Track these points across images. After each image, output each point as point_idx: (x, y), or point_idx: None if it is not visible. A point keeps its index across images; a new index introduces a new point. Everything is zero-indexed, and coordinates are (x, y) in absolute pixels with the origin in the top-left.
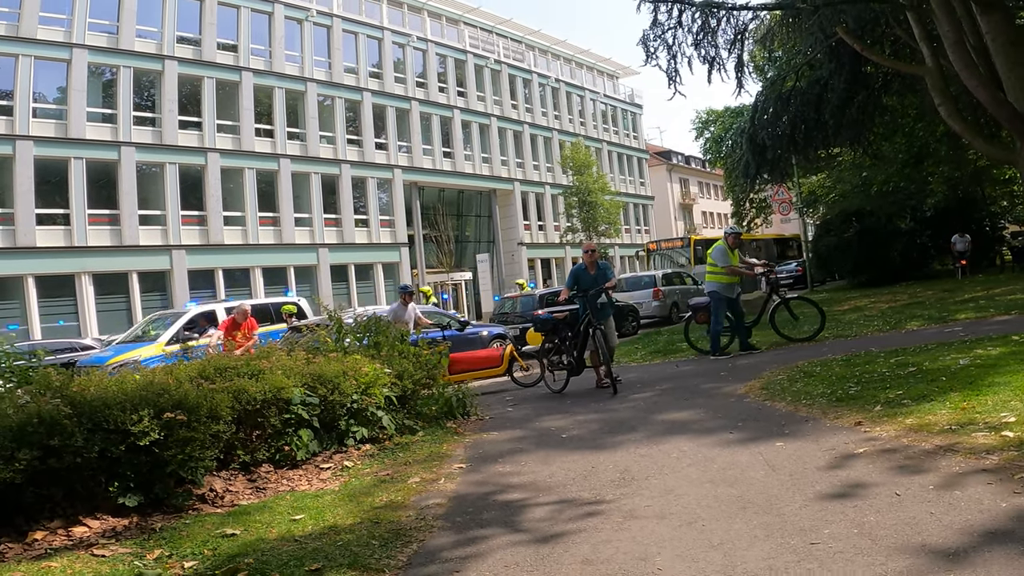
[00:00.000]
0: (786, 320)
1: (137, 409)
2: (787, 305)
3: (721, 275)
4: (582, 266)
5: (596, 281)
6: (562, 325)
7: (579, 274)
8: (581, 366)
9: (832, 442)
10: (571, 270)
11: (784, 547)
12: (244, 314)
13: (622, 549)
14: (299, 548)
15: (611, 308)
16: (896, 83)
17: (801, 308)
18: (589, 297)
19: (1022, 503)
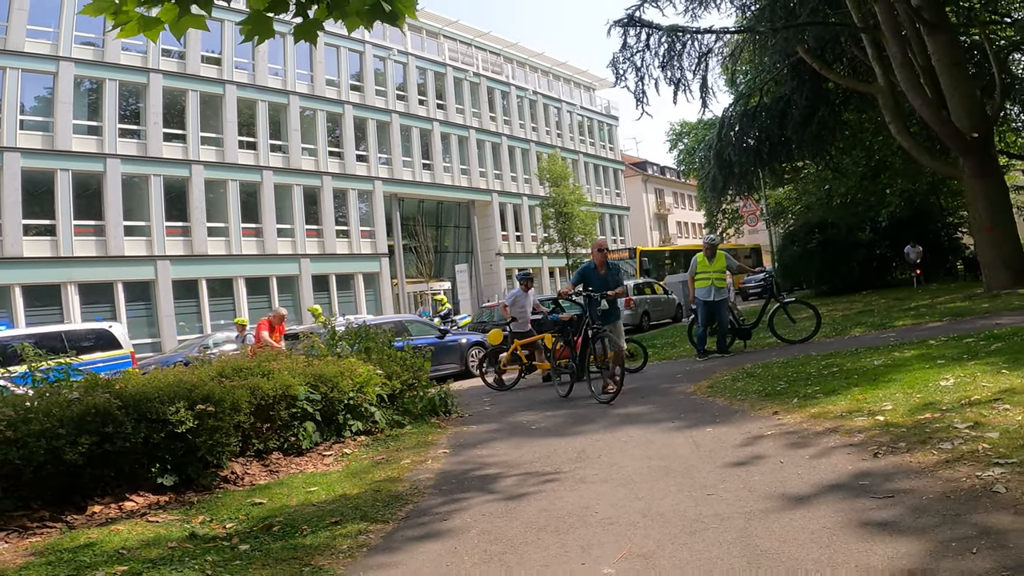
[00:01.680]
0: (784, 322)
1: (174, 402)
2: (785, 308)
3: (700, 281)
4: (592, 265)
5: (605, 283)
6: (570, 327)
7: (588, 273)
8: (584, 371)
9: (749, 427)
10: (579, 268)
11: (688, 497)
12: (281, 318)
13: (571, 501)
14: (318, 510)
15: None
16: (854, 99)
17: (799, 312)
18: (595, 299)
19: (864, 466)
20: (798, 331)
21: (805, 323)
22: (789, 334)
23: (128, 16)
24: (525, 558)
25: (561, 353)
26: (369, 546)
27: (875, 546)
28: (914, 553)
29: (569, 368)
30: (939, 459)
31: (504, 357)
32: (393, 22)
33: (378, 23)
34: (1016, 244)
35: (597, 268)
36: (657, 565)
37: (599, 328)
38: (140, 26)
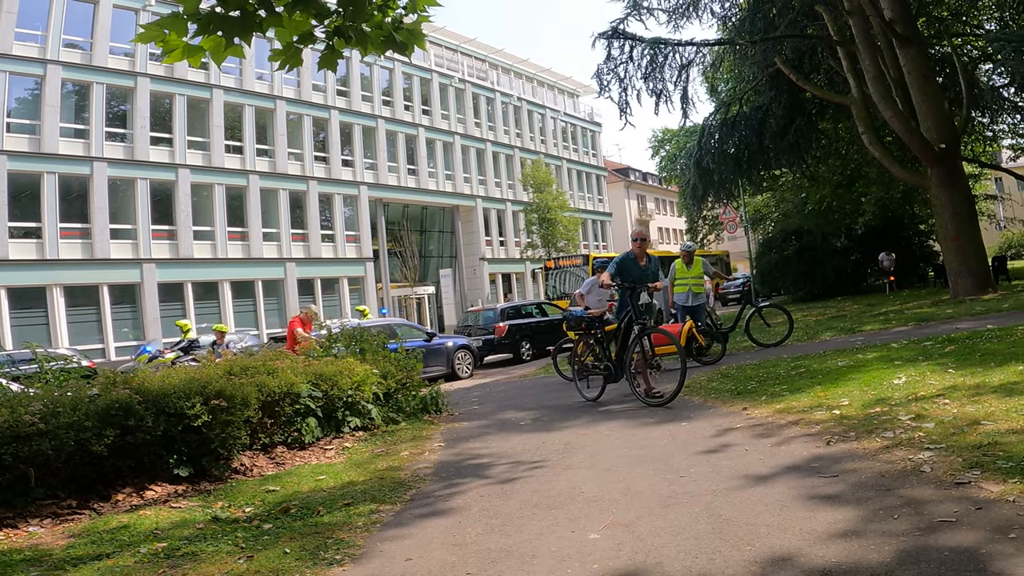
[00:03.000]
0: (759, 326)
1: (190, 397)
2: (760, 313)
3: (679, 287)
4: (631, 255)
5: (645, 275)
6: (597, 323)
7: (626, 264)
8: (621, 371)
9: (721, 422)
10: (616, 259)
11: (664, 479)
12: (312, 316)
13: (560, 484)
14: (329, 495)
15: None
16: (830, 110)
17: (774, 317)
18: (635, 292)
19: (817, 452)
20: (772, 335)
21: (779, 327)
22: (763, 338)
23: (175, 44)
24: (522, 528)
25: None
26: (382, 522)
27: (818, 514)
28: (849, 519)
29: (602, 368)
30: (881, 445)
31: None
32: (403, 52)
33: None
34: (980, 252)
35: (637, 259)
36: (636, 532)
37: (644, 323)
38: (185, 53)
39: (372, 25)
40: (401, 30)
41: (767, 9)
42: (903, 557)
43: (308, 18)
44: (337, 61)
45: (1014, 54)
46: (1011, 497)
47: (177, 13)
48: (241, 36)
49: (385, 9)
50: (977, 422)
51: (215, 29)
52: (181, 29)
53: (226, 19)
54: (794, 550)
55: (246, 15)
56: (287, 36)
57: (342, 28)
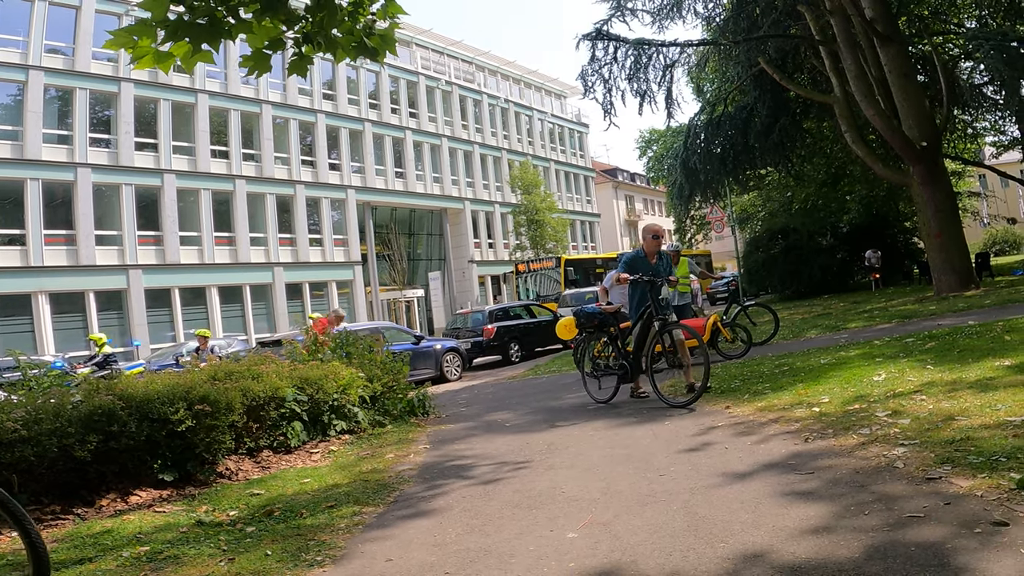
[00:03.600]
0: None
1: (174, 402)
2: (746, 312)
3: None
4: (641, 252)
5: (657, 273)
6: (612, 320)
7: (637, 262)
8: (638, 370)
9: (704, 420)
10: (625, 257)
11: (643, 478)
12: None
13: (541, 484)
14: (313, 497)
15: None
16: (814, 108)
17: (759, 316)
18: (655, 286)
19: (796, 449)
20: (758, 333)
21: (765, 326)
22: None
23: (144, 50)
24: (502, 528)
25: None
26: (364, 524)
27: (792, 510)
28: (822, 515)
29: (616, 368)
30: (857, 442)
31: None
32: (375, 58)
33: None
34: (963, 249)
35: (647, 256)
36: (613, 530)
37: (665, 319)
38: (155, 59)
39: (343, 31)
40: (373, 36)
41: (750, 9)
42: (871, 552)
43: (277, 24)
44: (307, 67)
45: (993, 52)
46: (979, 492)
47: (146, 20)
48: (209, 42)
49: (356, 16)
50: (952, 418)
51: (183, 35)
52: (150, 35)
53: (194, 26)
54: (766, 547)
55: (214, 22)
56: (258, 42)
57: (311, 34)
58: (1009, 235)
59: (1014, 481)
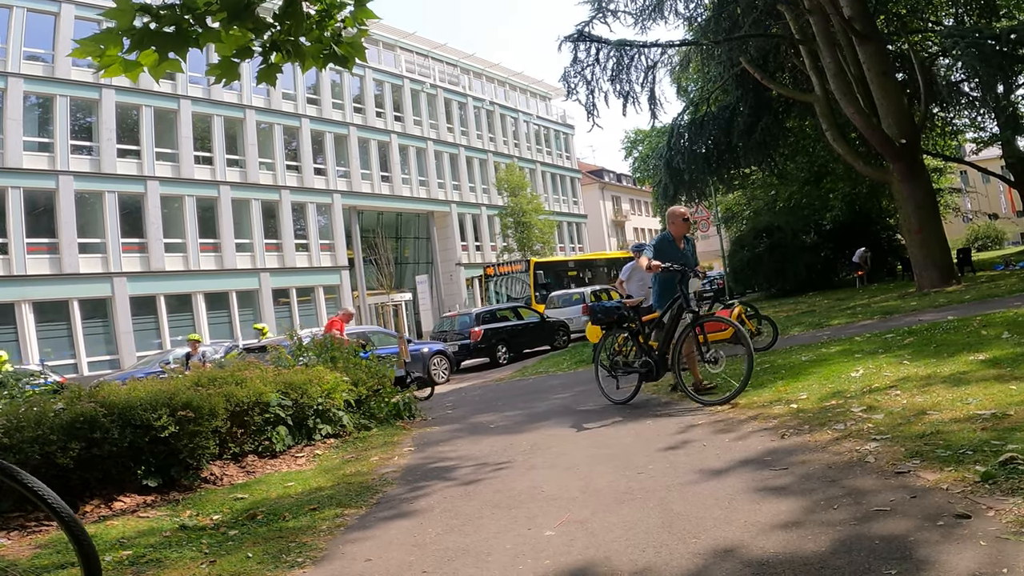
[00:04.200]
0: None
1: (156, 409)
2: None
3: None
4: (668, 236)
5: (685, 259)
6: (633, 314)
7: (664, 246)
8: (664, 367)
9: (685, 419)
10: (652, 242)
11: (622, 476)
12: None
13: (521, 484)
14: (296, 501)
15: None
16: (796, 107)
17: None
18: (686, 276)
19: (772, 445)
20: None
21: None
22: None
23: (111, 59)
24: (481, 527)
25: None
26: (346, 526)
27: (764, 506)
28: (792, 510)
29: (639, 365)
30: (832, 437)
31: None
32: (344, 65)
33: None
34: (943, 245)
35: (675, 241)
36: (590, 527)
37: (697, 311)
38: (123, 68)
39: (311, 39)
40: (341, 43)
41: (731, 9)
42: (837, 546)
43: (246, 33)
44: (276, 75)
45: (968, 49)
46: (945, 485)
47: (112, 29)
48: (176, 51)
49: (324, 24)
50: (924, 412)
51: (149, 44)
52: (117, 44)
53: (160, 34)
54: (737, 542)
55: (181, 30)
56: (226, 51)
57: (279, 42)
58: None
59: (979, 474)
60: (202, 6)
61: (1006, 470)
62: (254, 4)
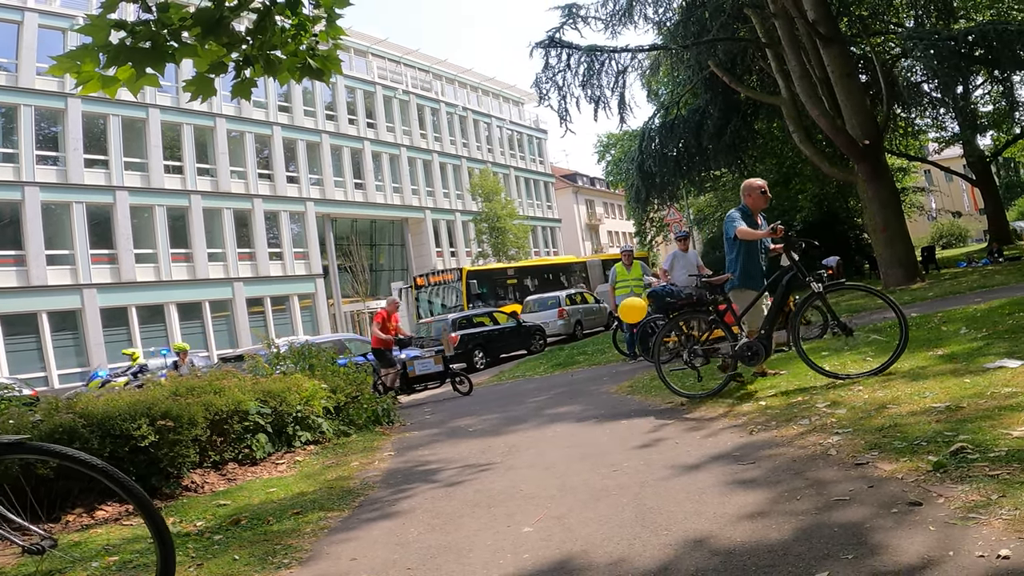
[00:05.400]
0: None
1: (135, 418)
2: None
3: (620, 289)
4: (747, 210)
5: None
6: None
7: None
8: (770, 347)
9: (658, 419)
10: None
11: (598, 474)
12: (395, 305)
13: (501, 484)
14: (279, 505)
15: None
16: (763, 110)
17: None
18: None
19: (741, 441)
20: None
21: None
22: None
23: (88, 75)
24: (461, 526)
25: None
26: (330, 528)
27: (732, 498)
28: (759, 501)
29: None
30: (797, 432)
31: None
32: (320, 78)
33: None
34: (907, 243)
35: (753, 215)
36: (566, 523)
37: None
38: (100, 83)
39: (286, 53)
40: (316, 57)
41: (700, 13)
42: (799, 534)
43: (219, 47)
44: (251, 89)
45: (927, 51)
46: (900, 475)
47: (89, 45)
48: (153, 66)
49: (298, 37)
50: (884, 406)
51: (125, 60)
52: (93, 60)
53: (137, 50)
54: (706, 533)
55: (157, 45)
56: (202, 65)
57: (253, 57)
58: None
59: (931, 464)
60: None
61: (956, 459)
62: (228, 19)
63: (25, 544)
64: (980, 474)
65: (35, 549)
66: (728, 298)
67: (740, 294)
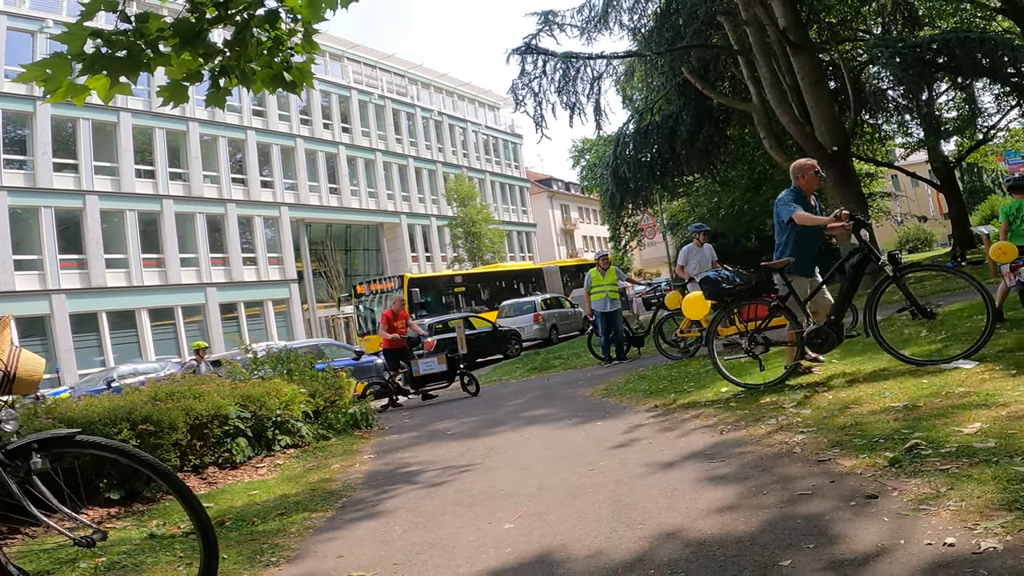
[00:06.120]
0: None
1: (116, 423)
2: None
3: (596, 294)
4: (800, 192)
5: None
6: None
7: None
8: (842, 332)
9: (632, 419)
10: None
11: (575, 473)
12: (400, 304)
13: (480, 484)
14: (263, 507)
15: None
16: (735, 116)
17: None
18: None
19: (712, 440)
20: None
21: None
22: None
23: (58, 83)
24: (444, 524)
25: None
26: (315, 527)
27: (704, 494)
28: (728, 496)
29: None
30: (765, 431)
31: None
32: (293, 90)
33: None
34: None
35: (806, 197)
36: (546, 519)
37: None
38: (69, 92)
39: (261, 64)
40: (291, 69)
41: (674, 20)
42: (765, 526)
43: (196, 58)
44: (225, 99)
45: (893, 58)
46: (859, 470)
47: (61, 53)
48: (128, 75)
49: (274, 50)
50: (847, 406)
51: (101, 69)
52: (65, 69)
53: (112, 59)
54: (679, 526)
55: (133, 55)
56: (176, 74)
57: (229, 67)
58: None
59: (887, 459)
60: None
61: (911, 455)
62: (206, 31)
63: (75, 537)
64: (932, 469)
65: (85, 542)
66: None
67: (799, 280)
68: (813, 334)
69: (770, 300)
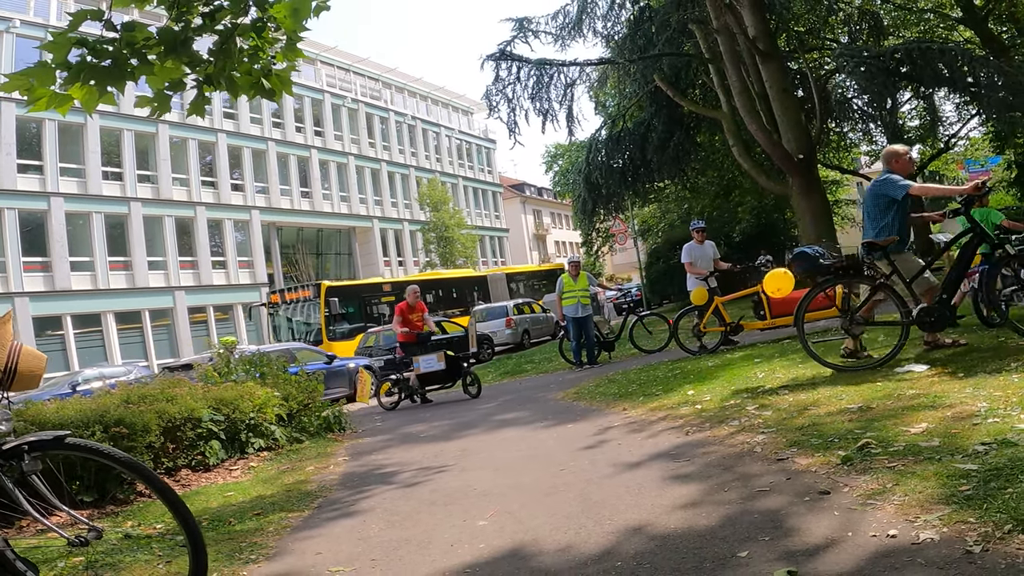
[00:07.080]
0: (642, 334)
1: (89, 426)
2: (642, 322)
3: (567, 300)
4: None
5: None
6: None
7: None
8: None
9: (602, 421)
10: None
11: (547, 473)
12: (416, 295)
13: (455, 484)
14: (239, 508)
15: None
16: (706, 123)
17: (654, 324)
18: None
19: (679, 441)
20: (656, 341)
21: (661, 334)
22: (647, 344)
23: (41, 93)
24: (420, 522)
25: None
26: (292, 527)
27: (669, 492)
28: (692, 493)
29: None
30: (728, 432)
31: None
32: (271, 98)
33: None
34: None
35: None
36: (518, 516)
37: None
38: (52, 101)
39: (242, 71)
40: (271, 76)
41: (647, 28)
42: (725, 520)
43: (180, 66)
44: (205, 107)
45: (858, 67)
46: (814, 468)
47: (45, 62)
48: (113, 84)
49: (255, 58)
50: (806, 408)
51: (87, 78)
52: (49, 78)
53: (97, 68)
54: (644, 521)
55: (118, 64)
56: (159, 83)
57: (212, 76)
58: None
59: (840, 457)
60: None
61: (862, 454)
62: (191, 39)
63: (69, 536)
64: (880, 466)
65: (80, 541)
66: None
67: (903, 258)
68: (924, 312)
69: (874, 278)
